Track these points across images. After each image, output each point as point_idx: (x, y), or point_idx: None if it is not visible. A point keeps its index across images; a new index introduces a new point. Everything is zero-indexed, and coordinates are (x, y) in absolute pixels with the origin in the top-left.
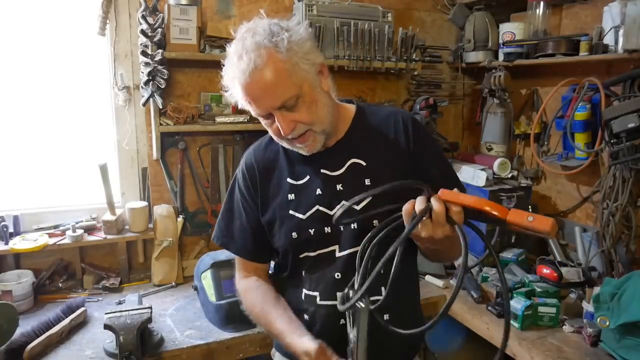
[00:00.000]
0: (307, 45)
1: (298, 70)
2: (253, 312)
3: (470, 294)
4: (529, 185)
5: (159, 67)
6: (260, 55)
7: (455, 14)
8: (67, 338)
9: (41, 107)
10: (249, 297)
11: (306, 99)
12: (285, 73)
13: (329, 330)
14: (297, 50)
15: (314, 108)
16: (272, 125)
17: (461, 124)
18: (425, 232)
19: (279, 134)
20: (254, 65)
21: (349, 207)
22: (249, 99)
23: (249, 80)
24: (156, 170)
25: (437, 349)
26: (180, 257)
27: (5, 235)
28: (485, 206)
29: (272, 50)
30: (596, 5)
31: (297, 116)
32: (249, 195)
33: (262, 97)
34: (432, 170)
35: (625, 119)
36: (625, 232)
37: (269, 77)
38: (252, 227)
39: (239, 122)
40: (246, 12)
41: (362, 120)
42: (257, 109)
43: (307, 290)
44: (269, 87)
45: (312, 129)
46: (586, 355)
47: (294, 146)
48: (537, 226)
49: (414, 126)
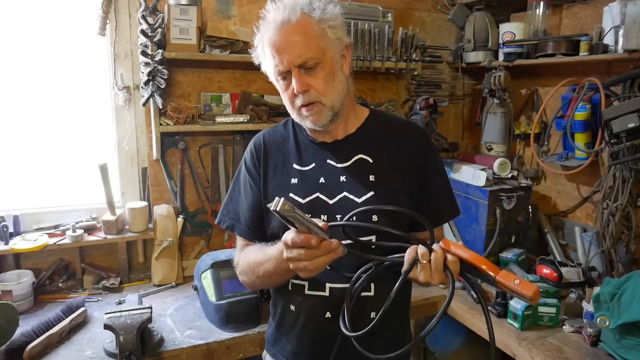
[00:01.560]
0: (338, 22)
1: (325, 37)
2: (244, 269)
3: (470, 294)
4: (529, 185)
5: (159, 67)
6: (294, 13)
7: (455, 14)
8: (67, 338)
9: (41, 107)
10: (241, 259)
11: (325, 66)
12: (313, 33)
13: (313, 322)
14: (328, 21)
15: (330, 80)
16: (287, 87)
17: (461, 124)
18: (423, 276)
19: (292, 98)
20: (287, 19)
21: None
22: (274, 51)
23: (279, 31)
24: (156, 170)
25: (437, 349)
26: (180, 257)
27: (5, 235)
28: (482, 264)
29: (306, 13)
30: (596, 5)
31: (312, 81)
32: (255, 172)
33: (286, 50)
34: (435, 180)
35: (625, 119)
36: (625, 232)
37: (298, 32)
38: (258, 208)
39: (239, 122)
40: (246, 12)
41: (375, 121)
42: (279, 63)
43: (295, 280)
44: (295, 42)
45: (321, 101)
46: (586, 355)
47: (302, 116)
48: (521, 290)
49: (428, 141)
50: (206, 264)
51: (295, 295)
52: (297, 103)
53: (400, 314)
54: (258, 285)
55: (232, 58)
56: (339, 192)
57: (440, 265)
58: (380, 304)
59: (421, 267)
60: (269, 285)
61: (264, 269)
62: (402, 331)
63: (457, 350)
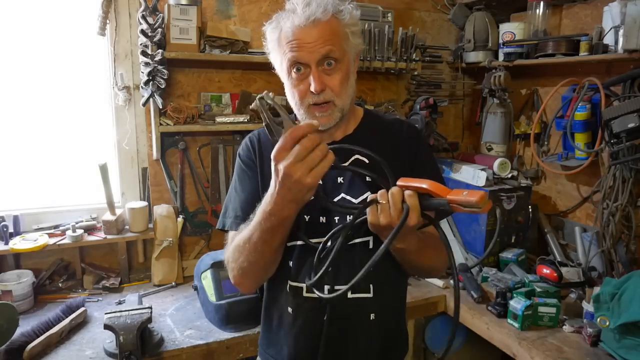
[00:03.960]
0: (358, 28)
1: (347, 40)
2: (231, 257)
3: (470, 294)
4: (529, 185)
5: (159, 67)
6: (325, 12)
7: (455, 14)
8: (67, 338)
9: (41, 107)
10: (228, 251)
11: (343, 68)
12: (339, 34)
13: (311, 325)
14: (352, 26)
15: (345, 82)
16: (301, 82)
17: (461, 124)
18: (384, 217)
19: (304, 95)
20: (317, 16)
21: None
22: (296, 44)
23: (308, 25)
24: (156, 170)
25: (437, 349)
26: (180, 257)
27: (5, 235)
28: (433, 188)
29: (335, 14)
30: (596, 5)
31: (329, 80)
32: (252, 162)
33: (310, 45)
34: (424, 177)
35: (625, 119)
36: (625, 232)
37: (326, 29)
38: (254, 199)
39: (239, 122)
40: (246, 12)
41: (370, 121)
42: (299, 57)
43: (293, 282)
44: (320, 38)
45: (334, 102)
46: (586, 355)
47: (311, 114)
48: (469, 198)
49: (419, 137)
50: (206, 264)
51: (293, 298)
52: (308, 101)
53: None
54: (246, 269)
55: (232, 58)
56: (337, 194)
57: (398, 202)
58: (379, 305)
59: (381, 208)
60: (258, 267)
61: (251, 241)
62: (397, 331)
63: (457, 350)
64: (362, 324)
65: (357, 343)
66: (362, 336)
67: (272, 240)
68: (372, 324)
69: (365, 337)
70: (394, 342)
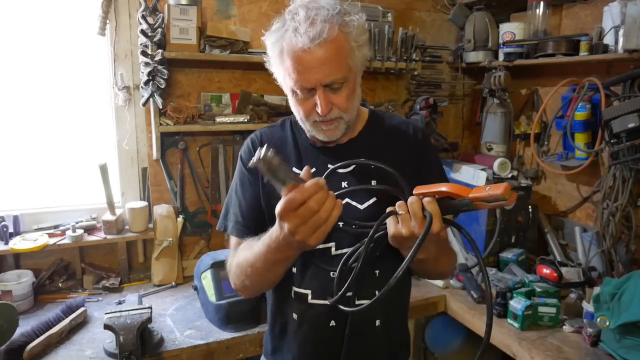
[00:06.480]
0: (365, 37)
1: (353, 56)
2: (234, 271)
3: (470, 294)
4: (529, 185)
5: (159, 67)
6: (331, 28)
7: (455, 14)
8: (67, 338)
9: (41, 107)
10: (233, 262)
11: (350, 85)
12: (345, 53)
13: (318, 331)
14: (358, 38)
15: (352, 97)
16: (306, 101)
17: (461, 124)
18: (406, 228)
19: (309, 113)
20: (324, 36)
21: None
22: (300, 68)
23: (312, 48)
24: (156, 170)
25: (437, 349)
26: (180, 257)
27: (5, 235)
28: (454, 190)
29: (341, 28)
30: (596, 5)
31: (336, 99)
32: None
33: (315, 69)
34: (433, 180)
35: (625, 119)
36: (625, 232)
37: (332, 51)
38: (256, 204)
39: (239, 122)
40: (246, 12)
41: (375, 123)
42: (303, 81)
43: (298, 288)
44: (326, 61)
45: (342, 117)
46: (586, 355)
47: (317, 128)
48: (493, 192)
49: (425, 139)
50: (206, 264)
51: (298, 304)
52: (313, 117)
53: (401, 317)
54: (248, 286)
55: (232, 58)
56: (341, 199)
57: (419, 210)
58: (384, 311)
59: (401, 219)
60: (260, 286)
61: (254, 267)
62: (401, 336)
63: (457, 350)
64: (367, 329)
65: (363, 349)
66: (367, 342)
67: (276, 269)
68: (378, 329)
69: (371, 342)
70: (398, 347)
